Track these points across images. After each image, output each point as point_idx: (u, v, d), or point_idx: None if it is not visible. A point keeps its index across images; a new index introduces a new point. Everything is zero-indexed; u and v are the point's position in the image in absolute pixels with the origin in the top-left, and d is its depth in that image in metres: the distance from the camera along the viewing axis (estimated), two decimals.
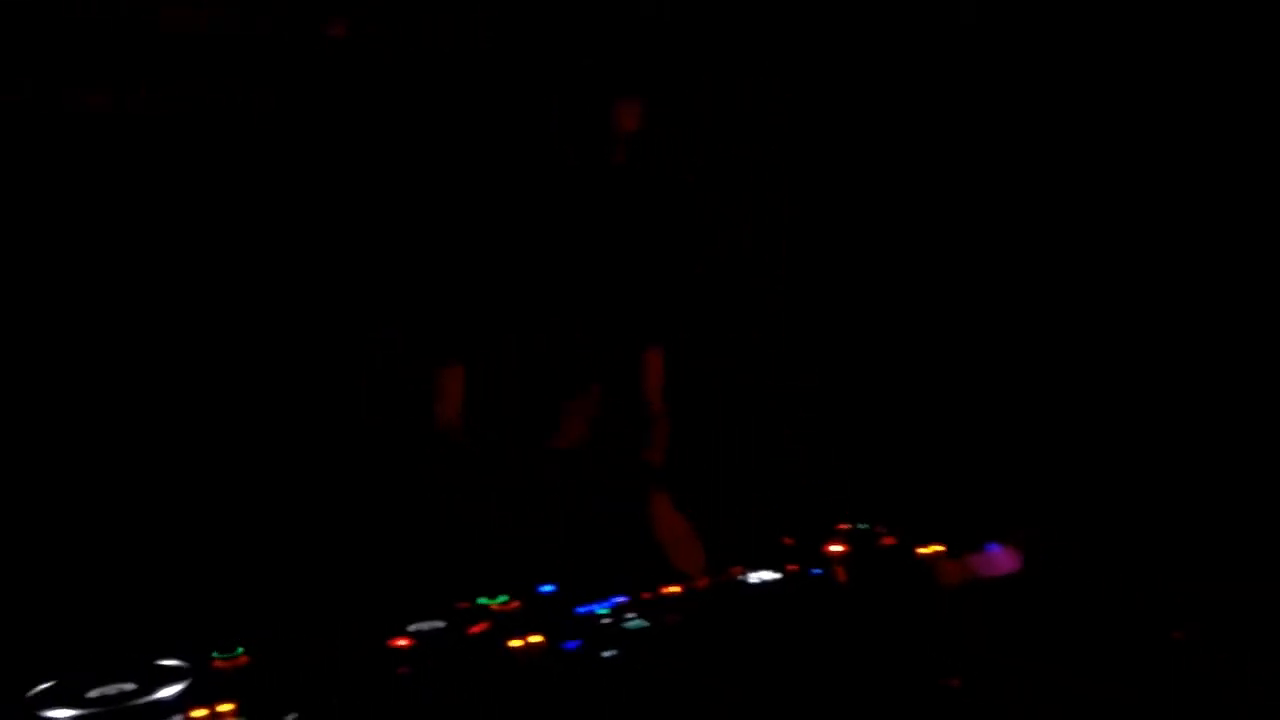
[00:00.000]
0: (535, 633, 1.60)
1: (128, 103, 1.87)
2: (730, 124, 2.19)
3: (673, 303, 1.99)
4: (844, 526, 1.83)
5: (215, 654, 1.58)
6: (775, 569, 1.72)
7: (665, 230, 2.00)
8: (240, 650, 1.59)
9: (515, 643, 1.59)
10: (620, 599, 1.68)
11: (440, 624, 1.63)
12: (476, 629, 1.62)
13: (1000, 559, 1.73)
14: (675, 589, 1.69)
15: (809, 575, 1.72)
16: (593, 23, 2.06)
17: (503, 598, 1.69)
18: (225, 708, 1.49)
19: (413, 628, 1.62)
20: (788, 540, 1.79)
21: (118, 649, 1.59)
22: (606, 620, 1.63)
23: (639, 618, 1.63)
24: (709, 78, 2.16)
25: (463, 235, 1.91)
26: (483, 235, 1.91)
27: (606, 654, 1.55)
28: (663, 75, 2.11)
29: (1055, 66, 2.32)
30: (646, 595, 1.68)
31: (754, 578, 1.71)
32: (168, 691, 1.53)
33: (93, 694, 1.53)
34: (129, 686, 1.54)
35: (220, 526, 1.70)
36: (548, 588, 1.72)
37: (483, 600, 1.69)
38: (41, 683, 1.54)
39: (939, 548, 1.77)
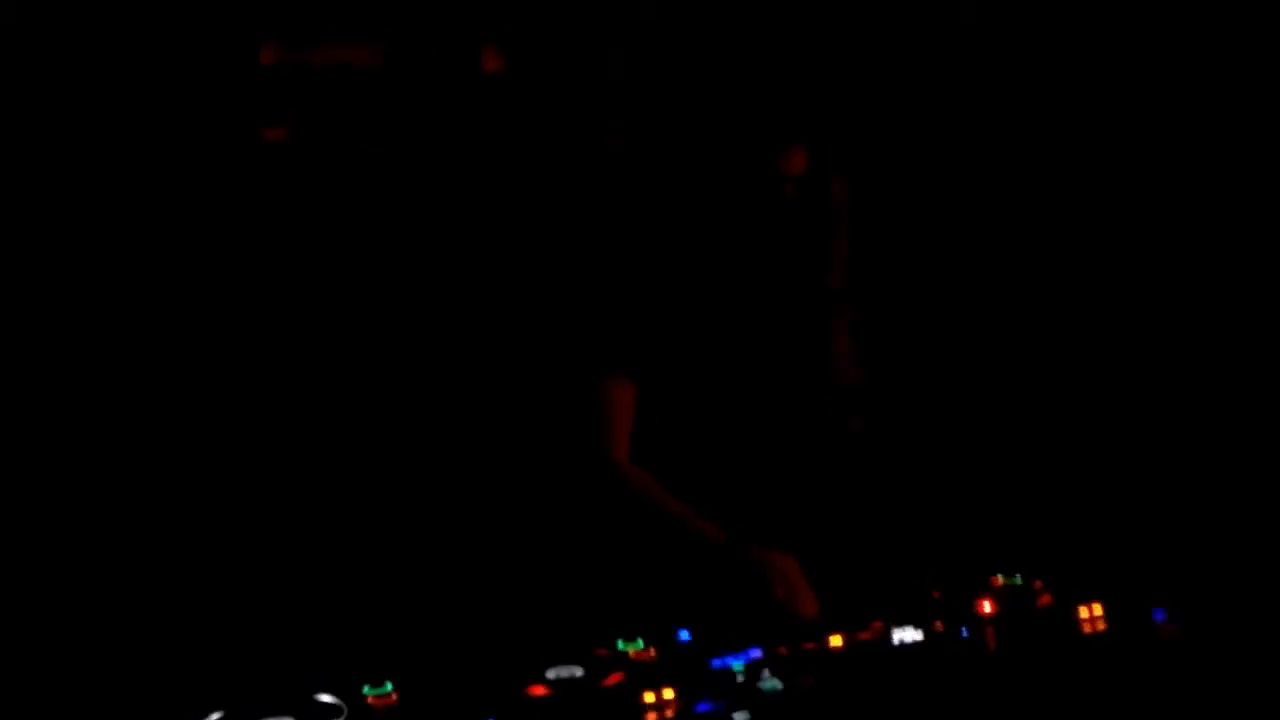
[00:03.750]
0: (669, 686, 1.61)
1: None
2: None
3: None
4: (997, 581, 1.76)
5: (366, 689, 1.66)
6: (921, 626, 1.68)
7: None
8: (389, 687, 1.67)
9: (649, 697, 1.61)
10: (755, 653, 1.67)
11: (578, 671, 1.66)
12: (611, 680, 1.64)
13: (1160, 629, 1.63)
14: (811, 645, 1.67)
15: (958, 635, 1.66)
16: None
17: (639, 644, 1.70)
18: None
19: (551, 674, 1.66)
20: (936, 594, 1.74)
21: (276, 683, 1.69)
22: (741, 678, 1.63)
23: (774, 678, 1.62)
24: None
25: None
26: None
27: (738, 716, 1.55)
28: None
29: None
30: (784, 650, 1.66)
31: (897, 637, 1.67)
32: None
33: None
34: None
35: (372, 557, 1.78)
36: (685, 634, 1.72)
37: (621, 645, 1.70)
38: (209, 714, 1.65)
39: (1098, 608, 1.68)
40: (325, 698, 1.68)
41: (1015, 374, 2.18)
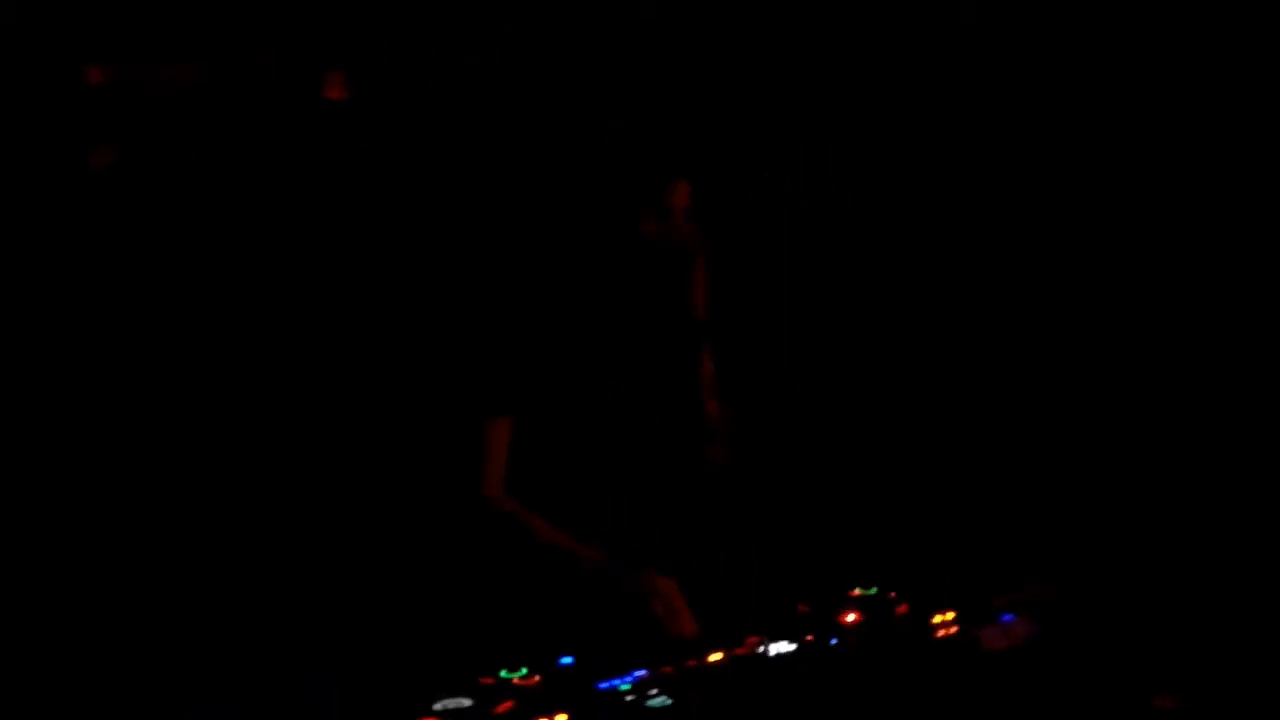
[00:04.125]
0: (560, 711, 1.62)
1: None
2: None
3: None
4: (856, 593, 1.86)
5: None
6: (792, 639, 1.75)
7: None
8: None
9: None
10: (641, 673, 1.70)
11: (466, 701, 1.65)
12: (502, 708, 1.64)
13: (1011, 630, 1.77)
14: (693, 662, 1.72)
15: (828, 646, 1.75)
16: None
17: (523, 671, 1.70)
18: None
19: (439, 706, 1.64)
20: (803, 608, 1.82)
21: None
22: (630, 698, 1.66)
23: (662, 695, 1.66)
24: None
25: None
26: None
27: None
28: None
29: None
30: (668, 670, 1.70)
31: (772, 650, 1.74)
32: None
33: None
34: None
35: (247, 596, 1.72)
36: (567, 659, 1.73)
37: (504, 674, 1.70)
38: None
39: (950, 615, 1.80)
40: None
41: (862, 396, 2.29)
